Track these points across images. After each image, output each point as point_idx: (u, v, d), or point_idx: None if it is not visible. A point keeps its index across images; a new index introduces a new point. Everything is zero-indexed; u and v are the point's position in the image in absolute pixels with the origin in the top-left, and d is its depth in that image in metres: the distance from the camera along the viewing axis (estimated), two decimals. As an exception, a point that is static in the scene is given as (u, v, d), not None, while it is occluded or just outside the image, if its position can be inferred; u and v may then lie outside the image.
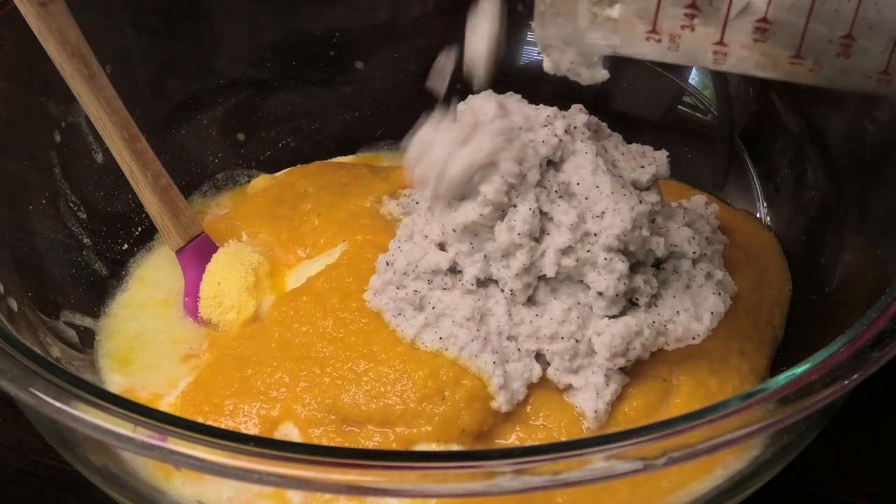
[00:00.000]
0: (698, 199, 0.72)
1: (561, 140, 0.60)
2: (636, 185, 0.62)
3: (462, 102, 0.63)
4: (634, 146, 0.65)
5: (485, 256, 0.61)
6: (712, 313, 0.62)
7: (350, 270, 0.66)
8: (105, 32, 0.77)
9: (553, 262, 0.60)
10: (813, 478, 0.68)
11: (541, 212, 0.60)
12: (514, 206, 0.60)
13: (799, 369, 0.47)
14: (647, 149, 0.65)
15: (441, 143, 0.59)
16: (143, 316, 0.73)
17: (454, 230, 0.61)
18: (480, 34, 0.59)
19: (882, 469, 0.69)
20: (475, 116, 0.60)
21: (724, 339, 0.63)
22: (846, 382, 0.47)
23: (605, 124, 0.65)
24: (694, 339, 0.62)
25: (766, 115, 0.80)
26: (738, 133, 0.82)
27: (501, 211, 0.60)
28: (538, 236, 0.60)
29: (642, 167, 0.63)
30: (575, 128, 0.62)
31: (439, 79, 0.64)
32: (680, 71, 0.85)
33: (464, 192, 0.60)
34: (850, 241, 0.68)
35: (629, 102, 0.89)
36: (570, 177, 0.61)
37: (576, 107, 0.64)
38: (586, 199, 0.60)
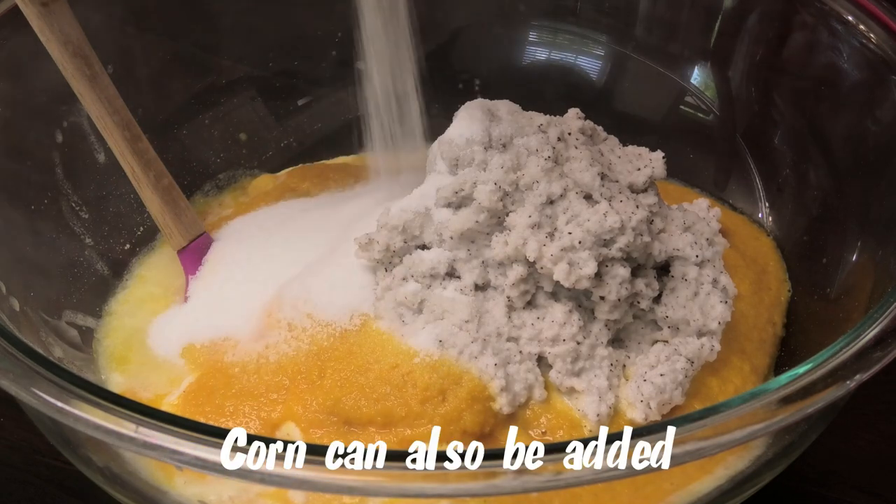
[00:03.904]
0: (700, 203, 0.72)
1: (555, 148, 0.60)
2: (633, 188, 0.62)
3: (462, 108, 0.63)
4: (630, 148, 0.65)
5: (482, 262, 0.61)
6: (719, 323, 0.61)
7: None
8: (107, 32, 0.77)
9: (551, 280, 0.59)
10: (813, 478, 0.67)
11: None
12: (511, 212, 0.60)
13: (801, 369, 0.47)
14: (644, 150, 0.64)
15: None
16: (140, 313, 0.73)
17: (451, 237, 0.60)
18: None
19: (882, 469, 0.69)
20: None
21: (725, 338, 0.62)
22: (848, 382, 0.47)
23: (600, 128, 0.65)
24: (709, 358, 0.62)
25: (768, 116, 0.80)
26: (740, 133, 0.82)
27: (498, 217, 0.60)
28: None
29: (638, 169, 0.62)
30: (569, 134, 0.61)
31: None
32: (682, 71, 0.85)
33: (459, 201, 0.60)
34: (853, 241, 0.68)
35: (631, 103, 0.88)
36: (566, 183, 0.60)
37: (572, 111, 0.64)
38: (583, 206, 0.60)
